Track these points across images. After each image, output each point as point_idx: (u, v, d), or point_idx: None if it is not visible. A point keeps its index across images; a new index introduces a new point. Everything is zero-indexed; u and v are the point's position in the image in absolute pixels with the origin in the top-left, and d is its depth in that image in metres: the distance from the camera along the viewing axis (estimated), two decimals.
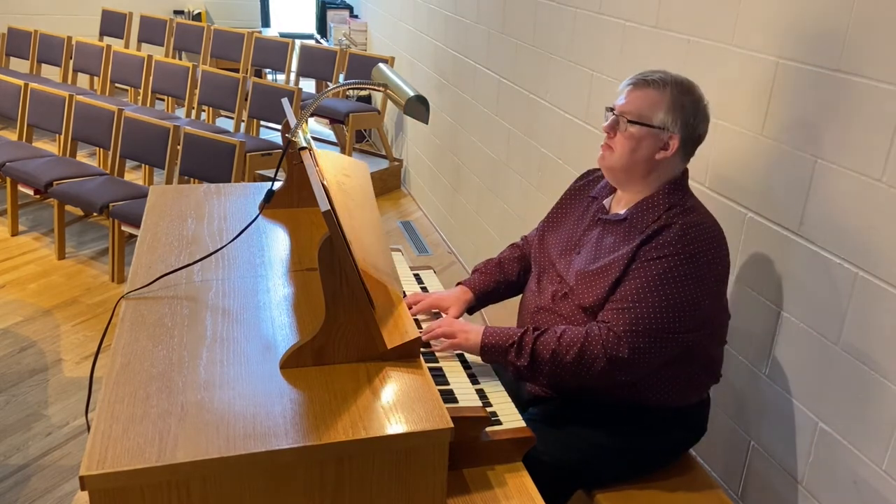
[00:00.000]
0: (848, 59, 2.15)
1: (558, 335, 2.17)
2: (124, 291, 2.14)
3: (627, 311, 2.11)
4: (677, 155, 2.19)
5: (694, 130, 2.18)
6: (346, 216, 1.97)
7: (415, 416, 1.70)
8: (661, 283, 2.09)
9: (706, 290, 2.12)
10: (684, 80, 2.19)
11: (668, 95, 2.15)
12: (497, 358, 2.23)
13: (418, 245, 5.95)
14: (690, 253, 2.09)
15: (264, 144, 6.16)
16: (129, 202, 4.94)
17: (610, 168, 2.26)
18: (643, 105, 2.17)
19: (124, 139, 5.39)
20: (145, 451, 1.51)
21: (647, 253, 2.13)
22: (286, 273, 2.32)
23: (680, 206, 2.18)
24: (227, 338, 1.94)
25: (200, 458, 1.51)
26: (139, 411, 1.63)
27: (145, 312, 2.04)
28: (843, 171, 2.18)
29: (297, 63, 7.65)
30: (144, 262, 2.31)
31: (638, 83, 2.20)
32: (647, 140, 2.17)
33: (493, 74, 4.79)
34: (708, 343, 2.26)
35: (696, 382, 2.31)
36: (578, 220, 2.43)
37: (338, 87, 2.51)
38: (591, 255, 2.28)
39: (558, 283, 2.35)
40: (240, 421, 1.62)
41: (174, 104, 7.53)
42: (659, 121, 2.15)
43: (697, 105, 2.18)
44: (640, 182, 2.24)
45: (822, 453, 2.34)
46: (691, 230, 2.11)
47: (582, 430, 2.29)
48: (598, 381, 2.15)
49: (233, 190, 2.95)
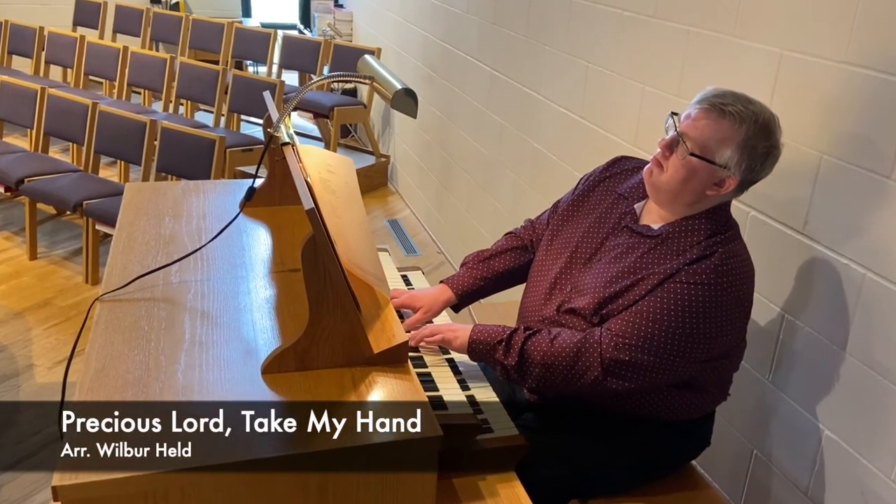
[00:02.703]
0: (856, 51, 2.15)
1: (552, 336, 2.13)
2: (99, 293, 2.14)
3: (638, 325, 2.06)
4: (729, 194, 2.10)
5: (756, 175, 2.07)
6: (330, 215, 1.97)
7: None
8: (684, 310, 2.03)
9: (729, 327, 2.07)
10: (766, 120, 2.04)
11: (743, 135, 2.01)
12: (484, 356, 2.19)
13: (406, 245, 5.94)
14: (724, 287, 2.02)
15: (245, 140, 6.15)
16: (103, 200, 4.92)
17: (656, 187, 2.14)
18: (711, 137, 2.03)
19: (99, 134, 5.37)
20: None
21: (678, 276, 2.05)
22: (268, 274, 2.31)
23: (722, 234, 2.10)
24: (207, 342, 1.93)
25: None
26: None
27: (121, 315, 2.03)
28: (850, 167, 2.18)
29: (279, 54, 7.63)
30: (120, 262, 2.30)
31: (713, 108, 2.03)
32: (704, 173, 2.05)
33: (485, 66, 4.79)
34: (718, 370, 2.22)
35: (701, 402, 2.27)
36: (601, 221, 2.31)
37: (322, 79, 2.51)
38: (612, 267, 2.19)
39: (567, 292, 2.27)
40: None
41: (151, 97, 7.49)
42: (723, 160, 2.02)
43: (770, 150, 2.04)
44: (682, 207, 2.14)
45: (828, 463, 2.33)
46: (730, 261, 2.04)
47: (578, 438, 2.27)
48: (591, 390, 2.11)
49: (212, 187, 2.94)
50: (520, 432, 2.04)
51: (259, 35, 7.70)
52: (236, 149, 5.91)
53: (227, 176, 5.64)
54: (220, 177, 4.95)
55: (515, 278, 2.56)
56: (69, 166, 5.53)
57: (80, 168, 5.51)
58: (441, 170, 5.79)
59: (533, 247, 2.53)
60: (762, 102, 2.06)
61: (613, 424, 2.27)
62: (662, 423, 2.27)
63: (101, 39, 7.83)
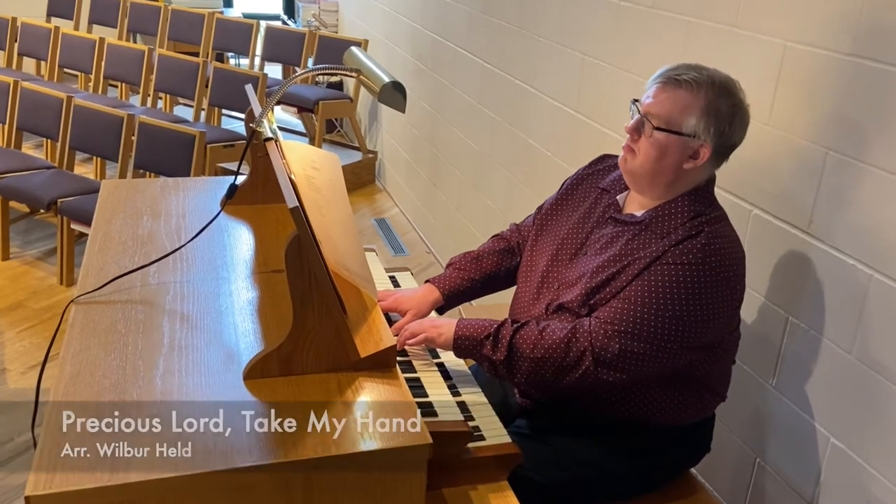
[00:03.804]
0: (863, 43, 2.15)
1: (541, 329, 2.14)
2: (74, 295, 2.13)
3: (626, 311, 2.07)
4: (707, 164, 2.13)
5: (728, 139, 2.10)
6: (315, 213, 1.96)
7: (390, 431, 1.69)
8: (673, 291, 2.05)
9: (720, 310, 2.08)
10: (723, 80, 2.09)
11: (702, 99, 2.06)
12: (471, 352, 2.20)
13: (394, 244, 5.95)
14: (711, 266, 2.04)
15: (226, 135, 6.15)
16: (79, 198, 4.92)
17: (631, 173, 2.19)
18: (672, 109, 2.08)
19: (74, 129, 5.36)
20: (96, 470, 1.50)
21: (664, 258, 2.07)
22: (250, 275, 2.31)
23: (706, 215, 2.13)
24: (186, 345, 1.93)
25: (156, 476, 1.50)
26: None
27: (97, 318, 2.03)
28: (858, 163, 2.18)
29: (262, 46, 7.62)
30: (96, 263, 2.29)
31: (668, 81, 2.10)
32: (675, 148, 2.10)
33: (476, 59, 4.80)
34: (711, 364, 2.23)
35: (698, 403, 2.28)
36: (585, 216, 2.35)
37: (307, 72, 2.50)
38: (597, 257, 2.22)
39: (555, 290, 2.30)
40: (199, 436, 1.61)
41: (128, 91, 7.48)
42: (689, 128, 2.07)
43: (735, 110, 2.09)
44: (662, 189, 2.17)
45: (834, 472, 2.34)
46: (717, 241, 2.07)
47: (573, 445, 2.28)
48: (583, 383, 2.11)
49: (192, 185, 2.93)
50: (512, 439, 2.04)
51: (241, 26, 7.69)
52: (217, 144, 5.90)
53: (207, 173, 5.63)
54: (200, 174, 4.95)
55: (503, 281, 2.59)
56: (43, 163, 5.51)
57: (55, 164, 5.50)
58: (430, 166, 5.79)
59: (519, 249, 2.57)
60: (716, 69, 2.12)
61: (608, 430, 2.28)
62: (660, 427, 2.27)
63: (76, 30, 7.81)
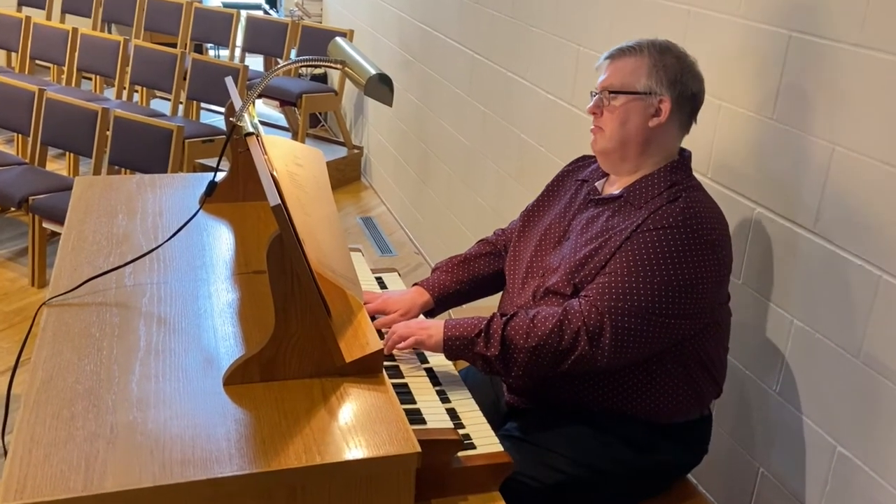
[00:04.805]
0: (871, 33, 2.15)
1: (531, 317, 2.16)
2: (46, 297, 2.13)
3: (613, 285, 2.12)
4: (673, 121, 2.25)
5: (685, 88, 2.24)
6: (298, 211, 1.96)
7: (377, 439, 1.70)
8: (656, 257, 2.10)
9: (706, 274, 2.13)
10: (661, 41, 2.27)
11: (647, 58, 2.23)
12: (463, 352, 2.20)
13: (381, 244, 5.95)
14: (693, 228, 2.11)
15: (205, 130, 6.13)
16: (51, 195, 4.90)
17: (603, 150, 2.31)
18: (623, 74, 2.25)
19: (46, 123, 5.34)
20: (70, 480, 1.50)
21: (645, 225, 2.14)
22: (230, 276, 2.31)
23: (683, 184, 2.22)
24: (163, 350, 1.93)
25: (132, 486, 1.50)
26: (63, 434, 1.62)
27: (70, 321, 2.02)
28: (865, 159, 2.18)
29: (242, 37, 7.61)
30: (69, 263, 2.29)
31: (613, 55, 2.30)
32: (636, 109, 2.23)
33: (466, 50, 4.80)
34: (705, 339, 2.25)
35: (692, 390, 2.28)
36: (566, 207, 2.43)
37: (289, 64, 2.50)
38: (579, 238, 2.28)
39: (540, 277, 2.34)
40: (177, 444, 1.61)
41: (103, 84, 7.47)
42: (643, 86, 2.22)
43: (681, 62, 2.25)
44: (636, 159, 2.27)
45: (840, 481, 2.33)
46: (696, 206, 2.15)
47: (566, 445, 2.28)
48: (580, 366, 2.13)
49: (170, 182, 2.93)
50: (503, 443, 2.04)
51: (220, 15, 7.68)
52: (196, 139, 5.89)
53: (185, 169, 5.63)
54: (178, 170, 4.94)
55: (491, 285, 2.64)
56: (14, 159, 5.49)
57: (26, 161, 5.48)
58: (419, 162, 5.79)
59: (506, 251, 2.61)
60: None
61: (603, 427, 2.29)
62: (654, 425, 2.29)
63: (48, 20, 7.79)
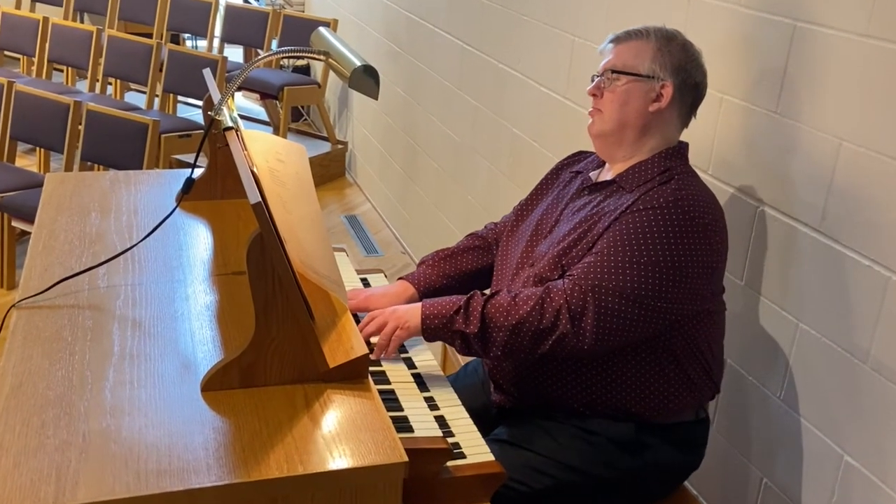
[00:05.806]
0: (880, 23, 2.15)
1: (513, 295, 2.18)
2: (15, 299, 2.12)
3: (598, 264, 2.13)
4: (673, 108, 2.28)
5: (689, 77, 2.27)
6: (279, 209, 1.96)
7: (362, 448, 1.70)
8: (644, 237, 2.11)
9: (696, 258, 2.14)
10: (668, 29, 2.32)
11: (653, 42, 2.27)
12: (442, 330, 2.21)
13: (366, 244, 5.94)
14: (684, 210, 2.13)
15: (182, 124, 6.12)
16: (20, 193, 4.89)
17: (600, 132, 2.33)
18: (627, 56, 2.29)
19: (15, 117, 5.32)
20: (40, 490, 1.50)
21: (635, 205, 2.17)
22: (209, 277, 2.31)
23: (677, 169, 2.25)
24: (138, 354, 1.93)
25: (105, 497, 1.50)
26: (33, 442, 1.61)
27: (41, 324, 2.02)
28: (873, 155, 2.18)
29: (221, 27, 7.60)
30: (39, 264, 2.29)
31: (619, 37, 2.33)
32: (637, 91, 2.26)
33: (455, 40, 4.79)
34: (696, 330, 2.26)
35: (685, 383, 2.28)
36: (558, 197, 2.46)
37: (270, 55, 2.50)
38: (570, 224, 2.30)
39: (530, 266, 2.35)
40: (153, 454, 1.61)
41: (75, 76, 7.44)
42: (646, 69, 2.26)
43: (687, 50, 2.29)
44: (633, 144, 2.30)
45: (847, 492, 2.33)
46: (689, 188, 2.18)
47: (556, 447, 2.29)
48: (562, 347, 2.13)
49: (145, 178, 2.93)
50: (492, 448, 2.04)
51: (198, 4, 7.65)
52: (172, 134, 5.87)
53: (161, 165, 5.62)
54: (153, 166, 4.93)
55: (480, 280, 2.63)
56: None
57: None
58: (406, 158, 5.79)
59: (497, 246, 2.62)
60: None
61: (590, 430, 2.29)
62: (645, 423, 2.29)
63: (17, 9, 7.76)
